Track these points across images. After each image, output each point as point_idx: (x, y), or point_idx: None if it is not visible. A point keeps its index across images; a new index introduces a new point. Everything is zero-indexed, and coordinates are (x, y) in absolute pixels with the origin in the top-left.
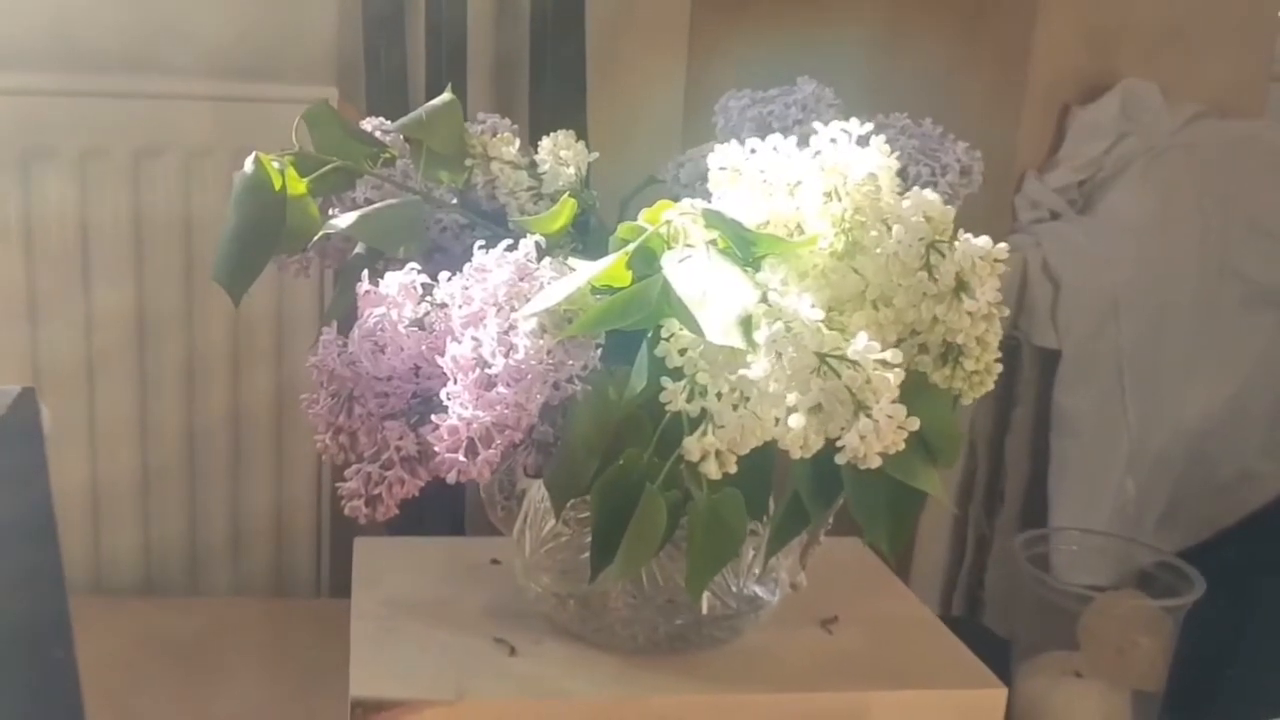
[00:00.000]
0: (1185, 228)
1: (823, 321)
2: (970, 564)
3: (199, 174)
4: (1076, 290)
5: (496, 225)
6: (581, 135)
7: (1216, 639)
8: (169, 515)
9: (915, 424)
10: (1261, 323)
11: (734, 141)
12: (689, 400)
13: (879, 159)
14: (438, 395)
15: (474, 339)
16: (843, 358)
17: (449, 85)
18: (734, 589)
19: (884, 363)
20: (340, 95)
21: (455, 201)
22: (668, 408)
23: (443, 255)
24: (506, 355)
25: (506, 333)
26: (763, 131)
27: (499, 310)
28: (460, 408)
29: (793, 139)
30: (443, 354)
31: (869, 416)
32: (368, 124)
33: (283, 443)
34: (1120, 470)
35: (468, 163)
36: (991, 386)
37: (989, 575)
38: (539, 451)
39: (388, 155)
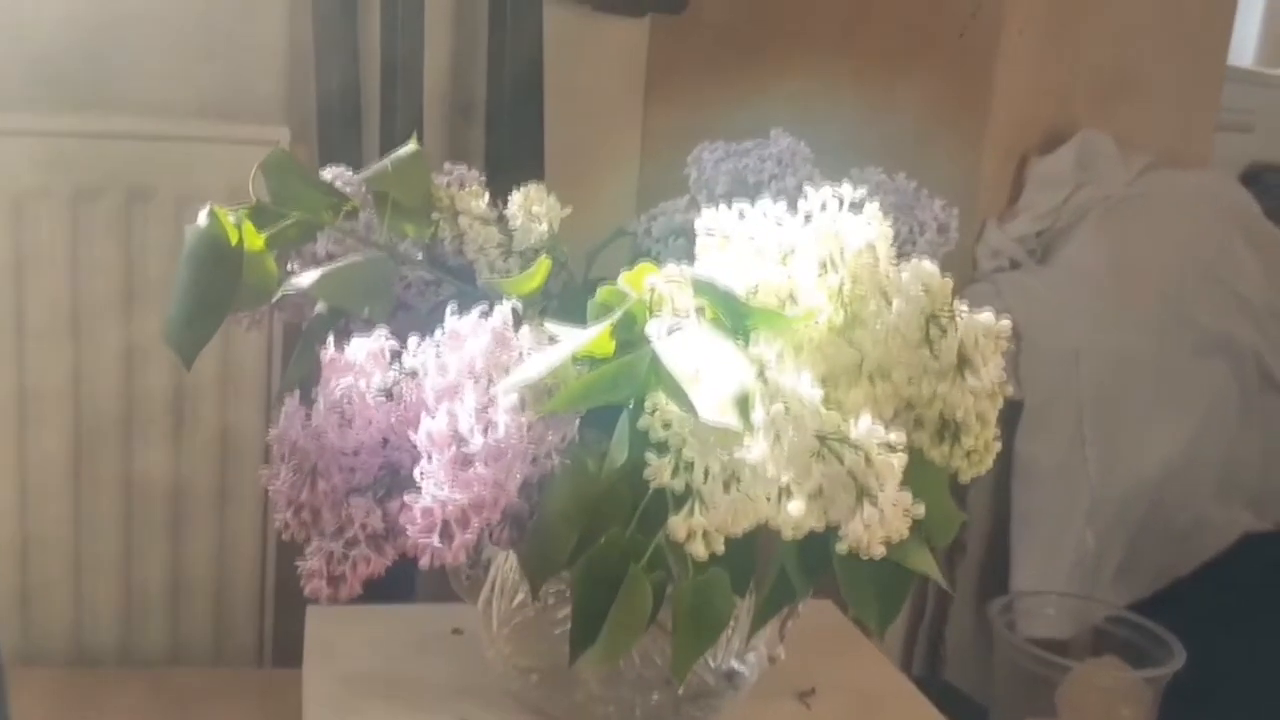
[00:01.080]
0: (1142, 277)
1: (820, 400)
2: (932, 614)
3: (141, 216)
4: (1037, 340)
5: (463, 281)
6: (538, 177)
7: (1179, 692)
8: (102, 577)
9: (921, 511)
10: (1213, 370)
11: (721, 205)
12: (674, 475)
13: (875, 227)
14: (406, 467)
15: (450, 413)
16: (844, 440)
17: (414, 134)
18: (713, 665)
19: (887, 446)
20: (292, 135)
21: (421, 257)
22: (651, 484)
23: (407, 313)
24: (486, 432)
25: (485, 408)
26: (738, 185)
27: (476, 382)
28: (435, 488)
29: (782, 202)
30: (413, 426)
31: (873, 504)
32: (328, 174)
33: (225, 501)
34: (1081, 520)
35: (434, 216)
36: (990, 465)
37: (949, 629)
38: (513, 526)
39: (349, 207)
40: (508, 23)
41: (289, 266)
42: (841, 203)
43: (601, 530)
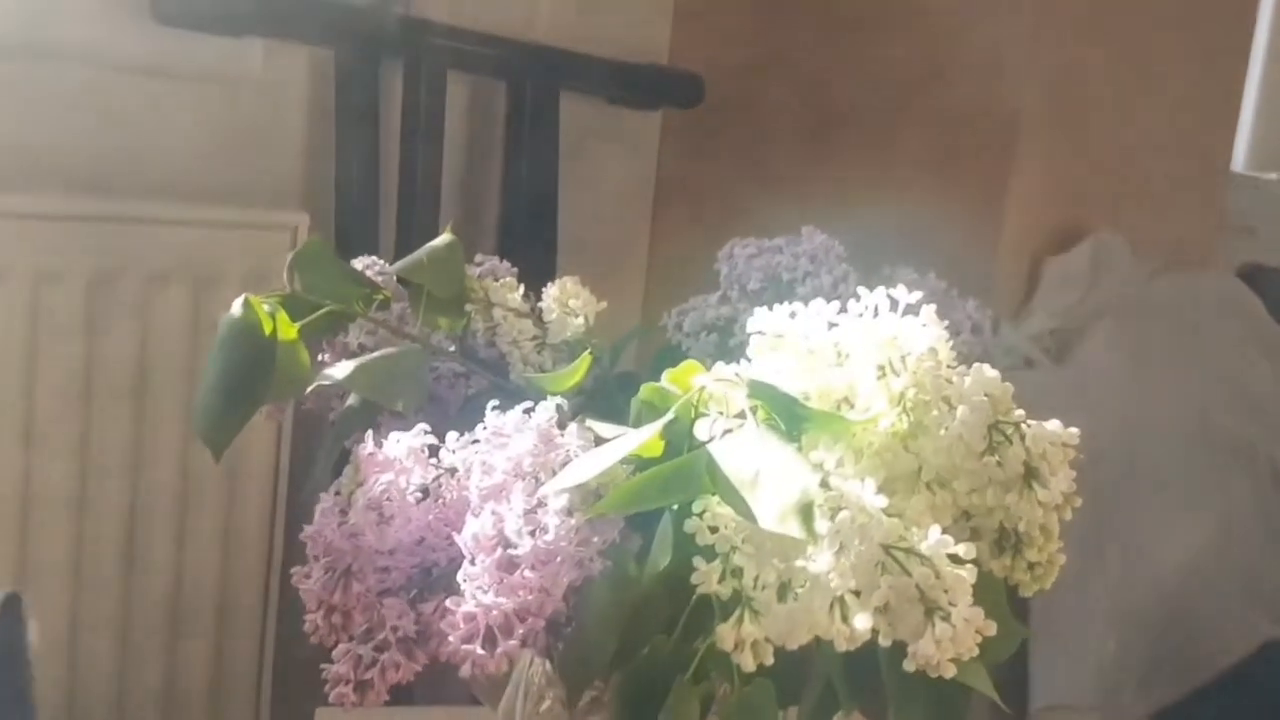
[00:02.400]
0: (1160, 379)
1: (885, 510)
2: None
3: (158, 300)
4: None
5: (494, 374)
6: (551, 264)
7: None
8: (96, 673)
9: (993, 628)
10: (1232, 475)
11: (769, 306)
12: (721, 581)
13: (936, 331)
14: (440, 567)
15: (495, 514)
16: (912, 551)
17: (449, 225)
18: None
19: (956, 558)
20: (310, 222)
21: (453, 349)
22: (699, 589)
23: (435, 405)
24: (534, 535)
25: (533, 510)
26: (770, 281)
27: (523, 482)
28: (479, 592)
29: (835, 303)
30: (452, 525)
31: (946, 620)
32: (360, 264)
33: (225, 593)
34: (1101, 627)
35: (467, 308)
36: (1054, 578)
37: None
38: (549, 631)
39: (382, 297)
40: (525, 120)
41: (320, 357)
42: (895, 304)
43: (641, 636)
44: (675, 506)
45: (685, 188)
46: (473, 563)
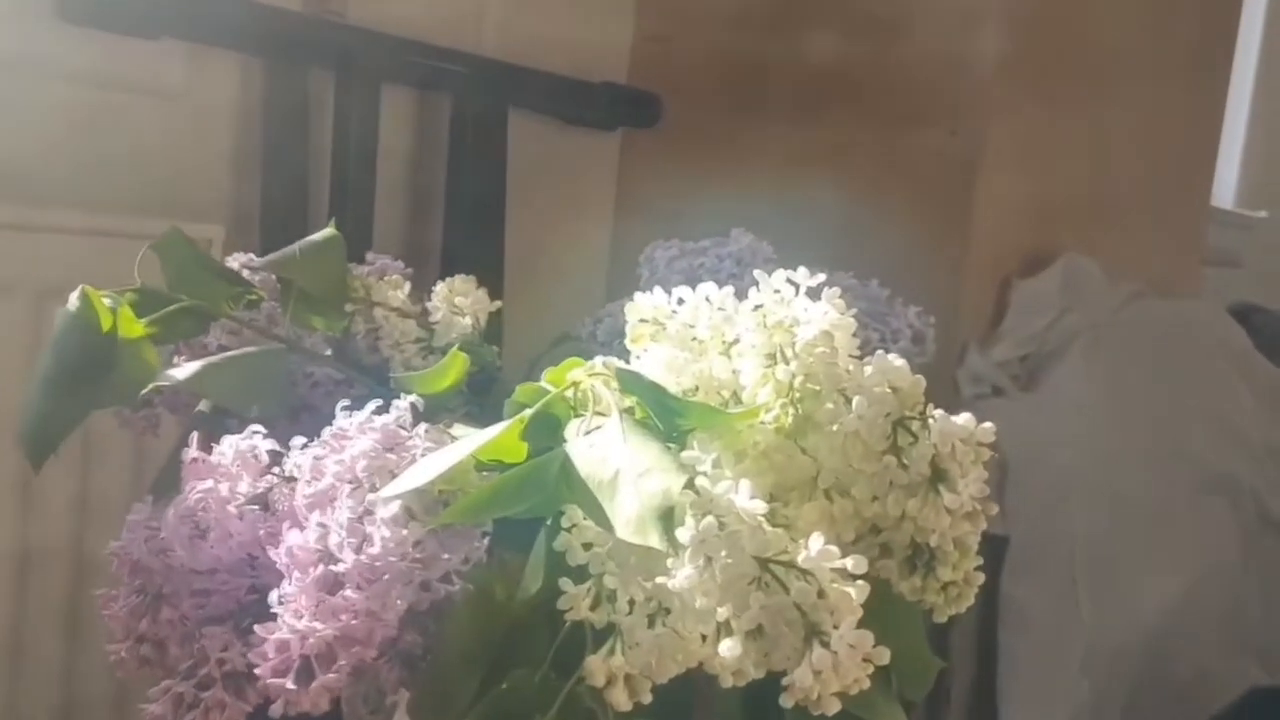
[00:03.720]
0: (1136, 409)
1: (765, 516)
2: None
3: (52, 314)
4: (1024, 472)
5: (379, 383)
6: (497, 287)
7: None
8: None
9: (885, 656)
10: (1213, 511)
11: (658, 289)
12: (594, 607)
13: (834, 315)
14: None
15: (320, 526)
16: (791, 565)
17: (332, 221)
18: None
19: (844, 573)
20: (228, 235)
21: (330, 353)
22: (567, 616)
23: (313, 416)
24: (358, 549)
25: (361, 519)
26: (693, 285)
27: (355, 489)
28: (293, 617)
29: (729, 289)
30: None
31: (825, 645)
32: (234, 260)
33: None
34: (1075, 669)
35: (348, 309)
36: (972, 600)
37: None
38: (403, 666)
39: (253, 297)
40: (469, 138)
41: (176, 359)
42: (796, 289)
43: (508, 672)
44: (549, 522)
45: (647, 210)
46: (289, 581)
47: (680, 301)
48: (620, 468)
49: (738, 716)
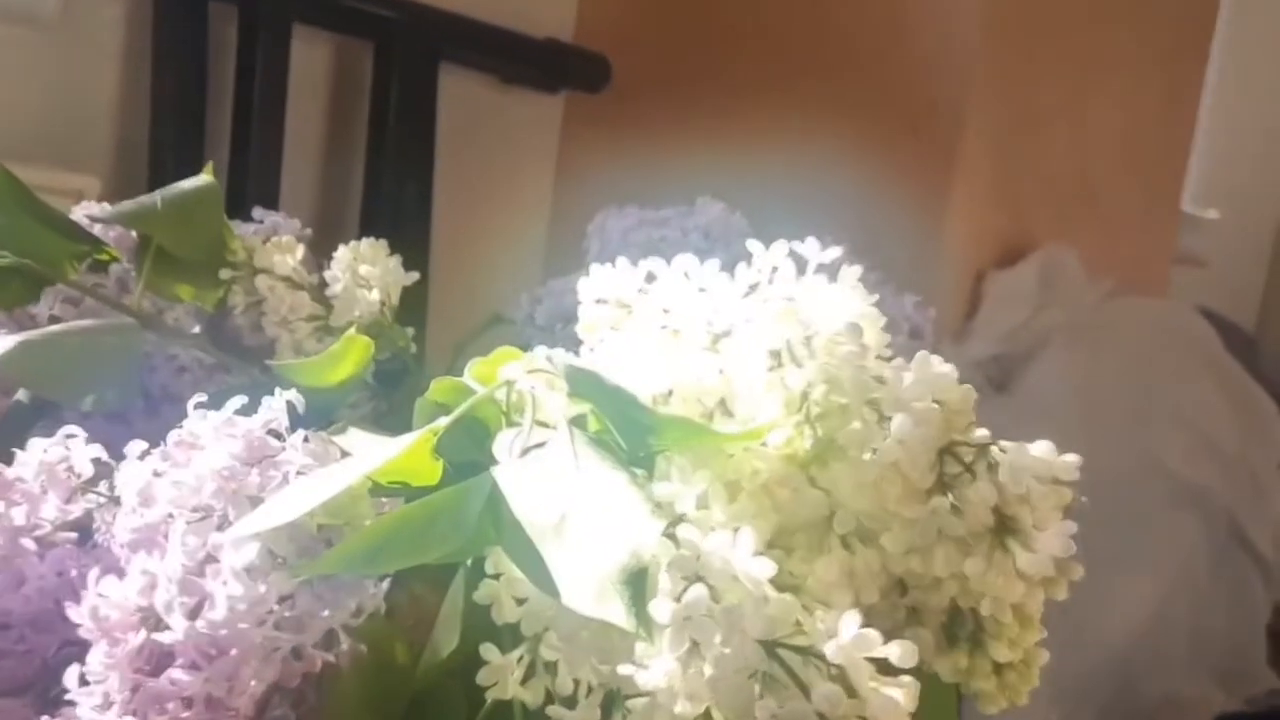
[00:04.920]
0: (1108, 417)
1: (773, 582)
2: None
3: None
4: None
5: (263, 370)
6: (422, 261)
7: None
8: None
9: None
10: (1184, 523)
11: (622, 261)
12: (526, 680)
13: (861, 303)
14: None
15: (145, 574)
16: (810, 653)
17: (209, 165)
18: None
19: (887, 666)
20: (106, 188)
21: (199, 331)
22: (490, 693)
23: (177, 409)
24: (194, 612)
25: (201, 566)
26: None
27: (200, 520)
28: (98, 708)
29: (713, 263)
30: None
31: None
32: (80, 210)
33: None
34: (1043, 698)
35: (224, 276)
36: (1035, 684)
37: None
38: None
39: (102, 257)
40: (395, 92)
41: None
42: (804, 266)
43: None
44: (469, 563)
45: (590, 181)
46: (100, 652)
47: (650, 278)
48: (571, 507)
49: None
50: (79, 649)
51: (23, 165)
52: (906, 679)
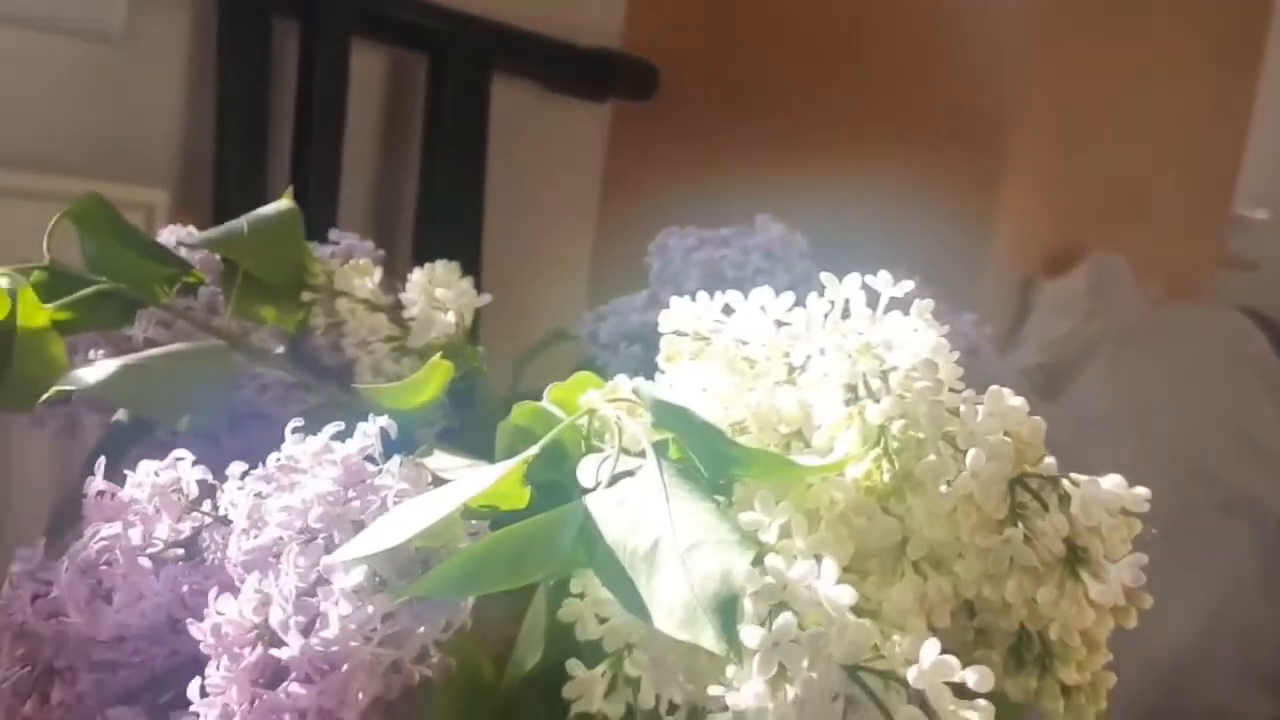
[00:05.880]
0: (1157, 424)
1: (853, 609)
2: None
3: None
4: None
5: (341, 388)
6: (474, 272)
7: None
8: None
9: None
10: (1235, 534)
11: (700, 294)
12: (611, 694)
13: (934, 336)
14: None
15: (259, 593)
16: (891, 677)
17: (289, 190)
18: None
19: (964, 690)
20: (175, 202)
21: (282, 351)
22: (574, 706)
23: (261, 425)
24: (309, 629)
25: (313, 588)
26: (712, 281)
27: (308, 543)
28: (218, 714)
29: (787, 295)
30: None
31: None
32: (168, 234)
33: None
34: None
35: (306, 298)
36: (1102, 706)
37: None
38: None
39: (190, 280)
40: (449, 103)
41: (90, 355)
42: (875, 300)
43: None
44: (551, 583)
45: (636, 191)
46: (217, 667)
47: (727, 310)
48: (662, 535)
49: None
50: (184, 660)
51: (92, 180)
52: (982, 702)
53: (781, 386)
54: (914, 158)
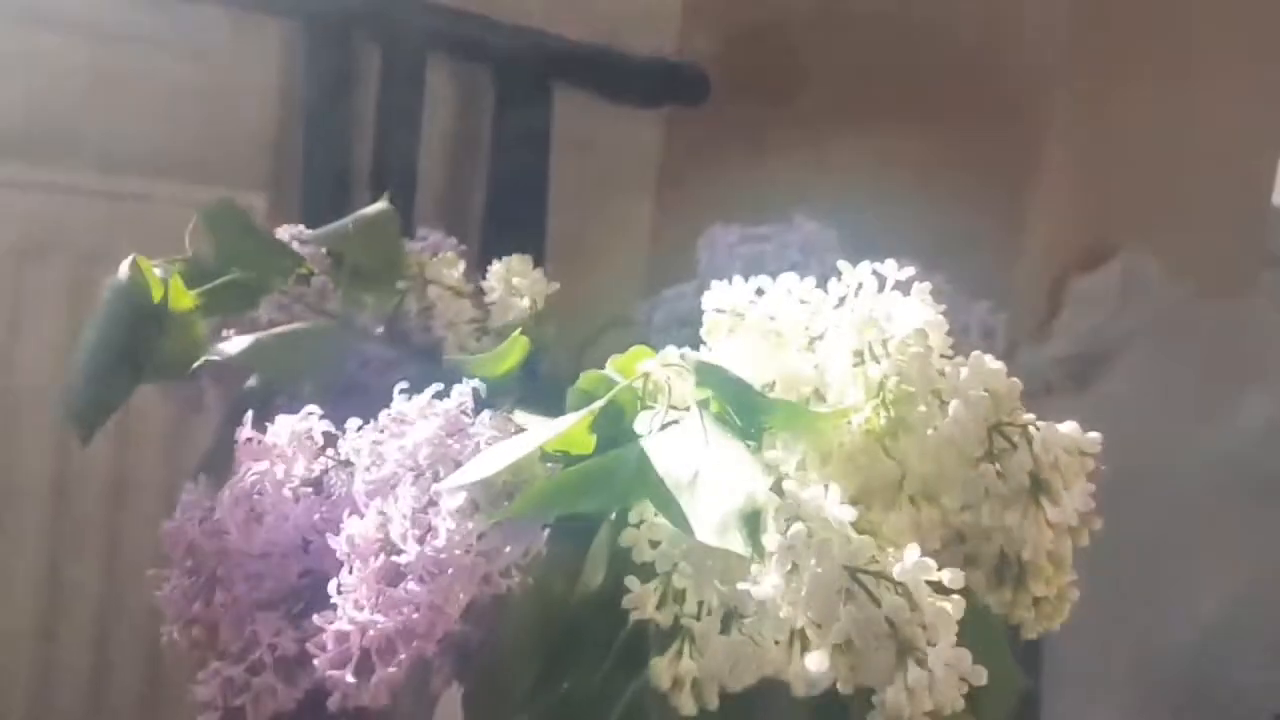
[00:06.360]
0: (1189, 412)
1: (853, 523)
2: None
3: (89, 283)
4: None
5: (429, 363)
6: (538, 261)
7: None
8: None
9: (982, 677)
10: (1265, 517)
11: (737, 278)
12: (660, 607)
13: (929, 312)
14: (331, 578)
15: (381, 514)
16: (882, 576)
17: (385, 194)
18: None
19: (940, 587)
20: (270, 204)
21: (381, 331)
22: (632, 615)
23: (362, 396)
24: (422, 540)
25: (425, 509)
26: (755, 271)
27: (418, 477)
28: (353, 608)
29: (810, 279)
30: (339, 528)
31: (921, 664)
32: (284, 232)
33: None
34: (1121, 688)
35: (400, 285)
36: (1065, 617)
37: None
38: (456, 657)
39: (303, 271)
40: (513, 111)
41: (225, 335)
42: (883, 282)
43: (566, 668)
44: (613, 516)
45: (689, 191)
46: (349, 571)
47: (760, 292)
48: (701, 468)
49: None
50: (313, 580)
51: (197, 185)
52: (955, 597)
53: (802, 353)
54: (952, 157)
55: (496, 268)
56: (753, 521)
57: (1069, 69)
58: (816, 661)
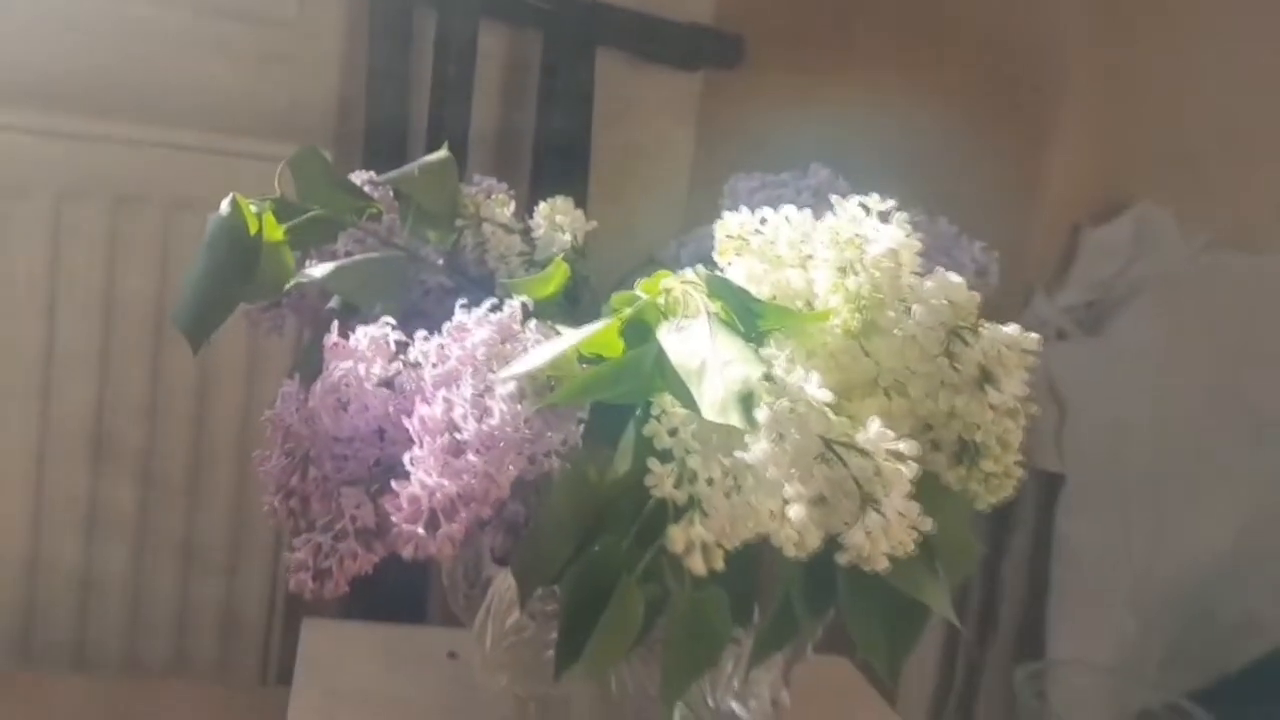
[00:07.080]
0: (1197, 356)
1: (830, 406)
2: (960, 691)
3: (178, 227)
4: (1083, 414)
5: (483, 291)
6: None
7: None
8: (109, 584)
9: (928, 524)
10: (1269, 459)
11: (744, 209)
12: (677, 485)
13: (900, 235)
14: (401, 464)
15: (445, 400)
16: (851, 445)
17: (445, 144)
18: (710, 703)
19: (897, 454)
20: (336, 159)
21: (441, 263)
22: (653, 492)
23: (423, 320)
24: (480, 420)
25: (481, 395)
26: None
27: (476, 371)
28: (424, 475)
29: (807, 211)
30: (411, 417)
31: (878, 511)
32: (357, 177)
33: (240, 517)
34: (1120, 605)
35: (458, 223)
36: (1012, 491)
37: (980, 704)
38: (508, 532)
39: (374, 209)
40: (559, 73)
41: (308, 263)
42: (868, 210)
43: (597, 542)
44: (639, 413)
45: (724, 147)
46: (420, 446)
47: (763, 221)
48: (707, 358)
49: (799, 591)
50: (386, 466)
51: (268, 140)
52: (912, 464)
53: (796, 270)
54: (974, 115)
55: (542, 207)
56: (748, 401)
57: (1088, 24)
58: (795, 511)
